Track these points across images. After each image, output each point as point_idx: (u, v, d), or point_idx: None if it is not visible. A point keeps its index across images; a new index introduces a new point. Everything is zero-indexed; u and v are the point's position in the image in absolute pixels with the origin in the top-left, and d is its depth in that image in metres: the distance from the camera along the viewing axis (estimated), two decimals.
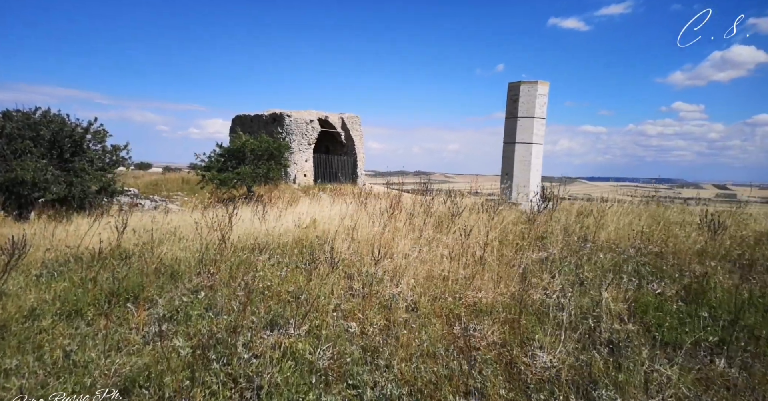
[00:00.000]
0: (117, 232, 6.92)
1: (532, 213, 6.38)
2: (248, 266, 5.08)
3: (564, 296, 4.03)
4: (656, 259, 4.93)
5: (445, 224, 6.17)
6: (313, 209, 8.51)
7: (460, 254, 4.94)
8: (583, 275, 4.42)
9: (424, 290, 4.20)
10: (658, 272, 4.56)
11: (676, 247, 5.17)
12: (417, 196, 9.71)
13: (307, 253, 5.41)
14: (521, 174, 8.97)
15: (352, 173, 30.27)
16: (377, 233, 5.54)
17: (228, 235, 5.49)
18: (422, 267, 4.73)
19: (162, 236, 7.05)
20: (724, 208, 8.93)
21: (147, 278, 4.90)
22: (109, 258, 5.73)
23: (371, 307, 3.98)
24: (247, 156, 18.14)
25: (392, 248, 5.27)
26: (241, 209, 11.10)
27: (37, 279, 5.27)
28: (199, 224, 6.40)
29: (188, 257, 5.46)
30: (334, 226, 6.60)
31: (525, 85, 8.88)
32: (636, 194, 9.72)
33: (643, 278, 4.36)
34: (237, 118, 29.34)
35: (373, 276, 4.39)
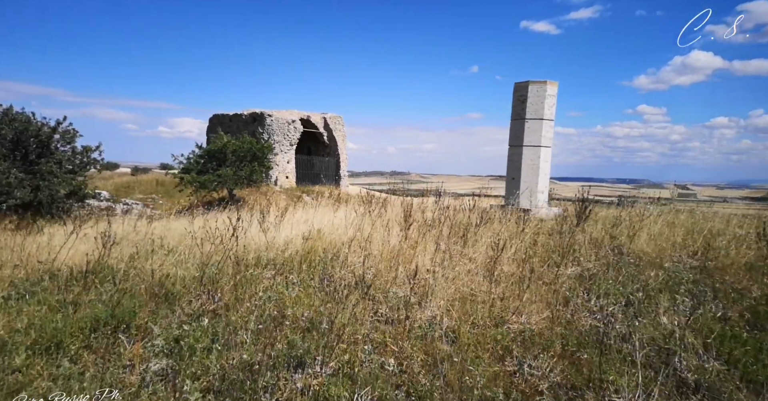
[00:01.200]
0: (100, 244, 6.29)
1: (556, 222, 6.02)
2: (253, 285, 4.56)
3: (615, 320, 3.65)
4: (702, 275, 4.61)
5: (462, 234, 5.76)
6: (310, 215, 8.00)
7: (490, 270, 4.53)
8: (632, 295, 4.05)
9: (460, 314, 3.77)
10: (711, 291, 4.23)
11: (719, 261, 4.85)
12: (423, 200, 9.29)
13: (319, 269, 4.92)
14: (530, 179, 8.63)
15: (335, 175, 29.71)
16: (394, 246, 5.08)
17: (234, 249, 4.95)
18: (449, 286, 4.29)
19: (148, 247, 6.46)
20: (690, 207, 8.84)
21: (137, 301, 4.34)
22: (90, 276, 5.13)
23: (404, 336, 3.52)
24: (229, 157, 17.44)
25: (412, 263, 4.83)
26: (229, 216, 10.50)
27: (5, 302, 4.65)
28: (193, 234, 5.84)
29: (184, 275, 4.91)
30: (342, 236, 6.12)
31: (533, 85, 8.54)
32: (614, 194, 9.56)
33: (696, 297, 4.02)
34: (215, 117, 28.43)
35: (401, 299, 3.93)
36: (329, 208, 8.49)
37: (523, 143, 8.63)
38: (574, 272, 4.60)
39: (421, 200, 9.64)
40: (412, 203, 6.52)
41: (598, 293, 4.09)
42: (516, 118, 8.91)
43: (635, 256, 5.05)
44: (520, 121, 8.72)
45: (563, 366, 3.05)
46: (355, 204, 8.86)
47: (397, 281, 4.36)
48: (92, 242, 6.42)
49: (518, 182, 8.68)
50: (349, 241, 5.88)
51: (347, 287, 4.36)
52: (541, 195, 8.67)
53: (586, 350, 3.22)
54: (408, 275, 4.14)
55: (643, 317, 3.69)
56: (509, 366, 3.10)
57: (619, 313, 3.71)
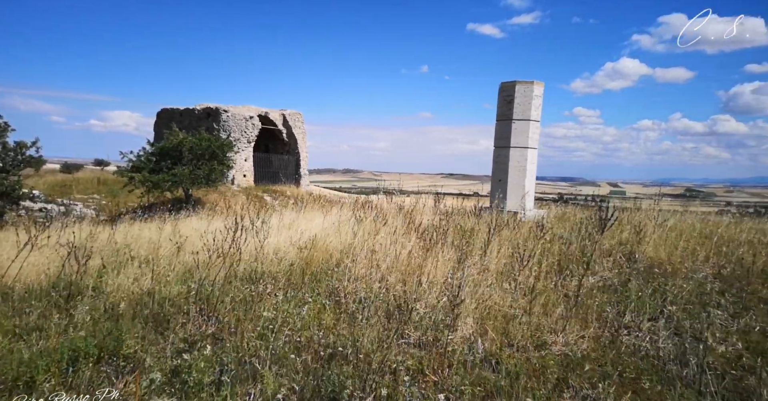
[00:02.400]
0: (56, 256, 5.59)
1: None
2: (254, 303, 4.11)
3: (658, 337, 3.48)
4: (722, 284, 4.56)
5: (467, 241, 5.50)
6: (292, 219, 7.53)
7: (514, 283, 4.29)
8: (665, 308, 3.90)
9: (494, 334, 3.49)
10: (738, 302, 4.16)
11: (734, 268, 4.83)
12: (398, 201, 9.00)
13: (325, 283, 4.52)
14: (517, 181, 8.52)
15: (295, 173, 28.99)
16: (401, 255, 4.75)
17: (236, 262, 4.46)
18: (472, 301, 4.01)
19: (115, 258, 5.81)
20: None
21: (121, 325, 3.80)
22: (54, 295, 4.50)
23: (440, 362, 3.21)
24: (185, 155, 16.49)
25: (424, 274, 4.52)
26: (191, 219, 9.81)
27: None
28: (178, 243, 5.27)
29: (168, 292, 4.38)
30: (336, 243, 5.72)
31: (521, 85, 8.43)
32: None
33: (726, 310, 3.93)
34: (164, 112, 27.03)
35: (431, 318, 3.61)
36: (314, 211, 8.04)
37: (510, 144, 8.51)
38: (594, 282, 4.43)
39: (401, 201, 9.36)
40: (412, 211, 6.21)
41: (629, 307, 3.93)
42: (502, 118, 8.78)
43: (648, 263, 4.96)
44: (507, 122, 8.60)
45: (627, 398, 2.82)
46: (341, 207, 8.45)
47: (417, 295, 4.03)
48: (47, 254, 5.74)
49: (505, 183, 8.55)
50: (347, 250, 5.50)
51: (360, 305, 3.99)
52: (528, 197, 8.58)
53: (647, 377, 3.01)
54: (447, 292, 3.82)
55: (685, 333, 3.55)
56: (569, 399, 2.84)
57: (662, 330, 3.54)
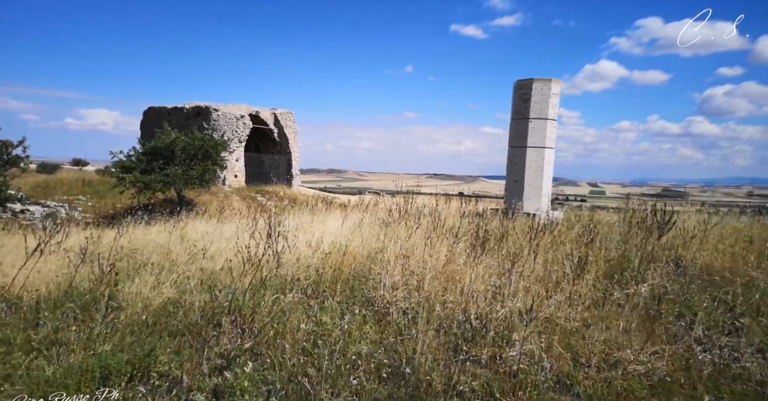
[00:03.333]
0: (66, 262, 5.31)
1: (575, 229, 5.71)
2: (289, 314, 3.88)
3: (740, 355, 3.29)
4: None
5: (495, 245, 5.33)
6: (302, 221, 7.30)
7: (560, 294, 4.12)
8: (737, 320, 3.73)
9: (560, 351, 3.30)
10: None
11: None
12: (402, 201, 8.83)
13: (358, 292, 4.31)
14: (534, 182, 8.39)
15: (287, 174, 28.67)
16: (439, 261, 4.56)
17: (273, 270, 4.22)
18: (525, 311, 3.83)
19: (126, 264, 5.54)
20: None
21: (154, 340, 3.55)
22: (69, 305, 4.23)
23: (508, 383, 3.01)
24: (178, 155, 16.12)
25: (462, 281, 4.33)
26: (194, 221, 9.52)
27: None
28: (204, 250, 5.01)
29: (195, 301, 4.13)
30: (358, 248, 5.52)
31: (538, 82, 8.30)
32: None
33: None
34: (151, 110, 26.56)
35: (487, 332, 3.41)
36: (324, 213, 7.81)
37: (527, 144, 8.38)
38: (646, 291, 4.27)
39: (404, 201, 9.19)
40: (424, 209, 6.02)
41: (695, 319, 3.75)
42: (518, 117, 8.64)
43: (699, 269, 4.79)
44: (523, 120, 8.46)
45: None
46: (349, 209, 8.24)
47: (464, 305, 3.84)
48: (54, 261, 5.45)
49: (521, 184, 8.41)
50: (372, 255, 5.30)
51: (406, 316, 3.79)
52: (545, 199, 8.46)
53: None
54: (497, 302, 3.63)
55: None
56: None
57: (744, 347, 3.34)
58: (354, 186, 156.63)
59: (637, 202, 7.50)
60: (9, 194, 13.04)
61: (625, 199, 8.70)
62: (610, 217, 8.34)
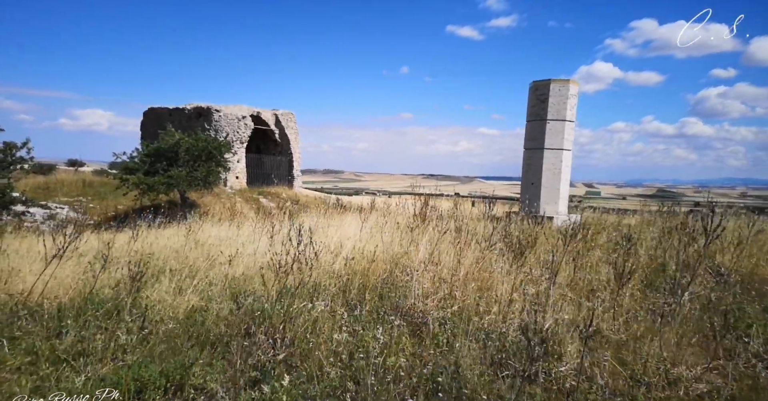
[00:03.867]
0: (81, 267, 5.21)
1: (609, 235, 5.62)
2: (321, 323, 3.79)
3: None
4: None
5: (521, 251, 5.25)
6: (316, 224, 7.20)
7: (595, 302, 4.04)
8: None
9: (612, 366, 3.21)
10: None
11: None
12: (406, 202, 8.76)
13: (388, 300, 4.22)
14: (551, 184, 8.31)
15: (288, 175, 28.57)
16: (468, 268, 4.48)
17: (306, 275, 4.13)
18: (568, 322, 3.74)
19: (142, 269, 5.44)
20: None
21: (186, 352, 3.47)
22: (91, 312, 4.13)
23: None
24: (182, 156, 16.02)
25: (495, 289, 4.25)
26: (204, 224, 9.41)
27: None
28: (231, 257, 4.91)
29: (221, 310, 4.05)
30: (382, 253, 5.43)
31: (555, 83, 8.23)
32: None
33: None
34: (151, 111, 26.45)
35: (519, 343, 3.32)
36: (344, 216, 7.71)
37: (544, 146, 8.30)
38: (687, 300, 4.17)
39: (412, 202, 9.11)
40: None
41: (748, 332, 3.64)
42: (534, 119, 8.56)
43: (739, 277, 4.69)
44: (540, 122, 8.38)
45: None
46: (361, 212, 8.15)
47: (502, 316, 3.76)
48: (71, 266, 5.35)
49: (538, 187, 8.34)
50: (395, 260, 5.21)
51: (443, 327, 3.71)
52: (563, 202, 8.38)
53: None
54: (536, 312, 3.53)
55: None
56: None
57: None
58: (351, 187, 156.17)
59: (661, 205, 7.41)
60: (13, 196, 12.92)
61: (621, 199, 8.60)
62: (629, 220, 8.27)
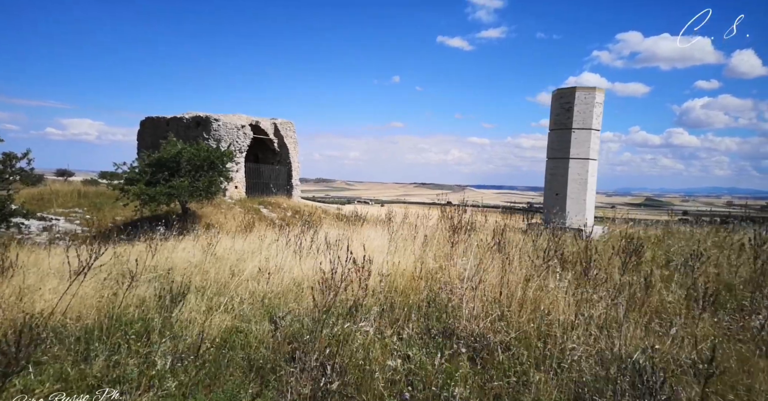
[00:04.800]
0: (101, 284, 4.99)
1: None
2: (367, 344, 3.59)
3: None
4: None
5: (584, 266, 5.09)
6: (335, 236, 7.02)
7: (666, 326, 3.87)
8: None
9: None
10: None
11: None
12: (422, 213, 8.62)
13: (435, 320, 4.03)
14: (577, 195, 8.17)
15: (287, 184, 28.37)
16: (519, 286, 4.30)
17: (361, 298, 3.92)
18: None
19: (167, 286, 5.22)
20: None
21: (231, 379, 3.25)
22: (114, 334, 3.92)
23: None
24: (183, 166, 15.81)
25: (547, 309, 4.07)
26: (221, 237, 9.20)
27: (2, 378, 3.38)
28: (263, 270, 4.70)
29: (258, 331, 3.84)
30: (407, 266, 5.25)
31: (581, 91, 8.11)
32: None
33: None
34: (148, 121, 26.25)
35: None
36: (363, 227, 7.53)
37: (570, 155, 8.16)
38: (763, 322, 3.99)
39: (426, 213, 8.97)
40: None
41: None
42: (558, 127, 8.43)
43: None
44: (565, 131, 8.25)
45: None
46: (378, 223, 7.97)
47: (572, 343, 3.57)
48: (91, 284, 5.12)
49: (564, 198, 8.19)
50: (430, 276, 5.03)
51: (508, 353, 3.52)
52: (589, 213, 8.23)
53: None
54: (605, 340, 3.34)
55: None
56: None
57: None
58: (342, 196, 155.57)
59: (671, 214, 7.24)
60: (13, 208, 12.63)
61: (611, 208, 8.47)
62: (654, 232, 8.14)
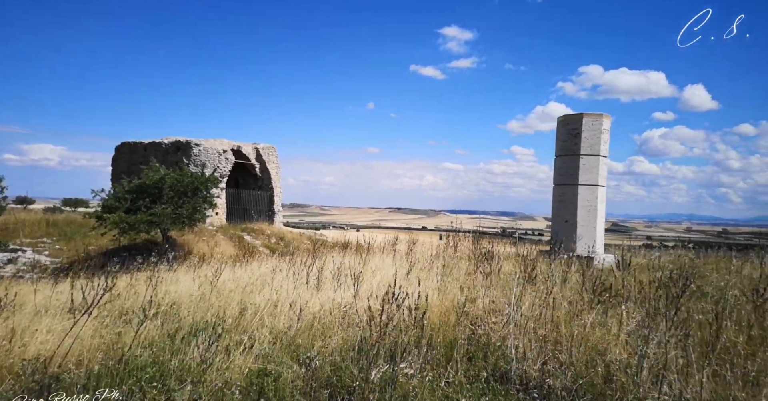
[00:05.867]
0: (102, 323, 4.63)
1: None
2: (415, 389, 3.33)
3: None
4: None
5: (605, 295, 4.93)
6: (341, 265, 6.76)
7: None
8: None
9: None
10: None
11: None
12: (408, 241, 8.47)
13: (481, 361, 3.79)
14: (586, 222, 8.10)
15: (268, 210, 27.94)
16: (558, 320, 4.11)
17: (413, 336, 3.65)
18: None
19: (173, 322, 4.87)
20: None
21: None
22: (126, 382, 3.57)
23: None
24: (166, 193, 15.37)
25: (603, 347, 3.89)
26: (227, 266, 8.83)
27: None
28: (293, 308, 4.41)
29: (288, 375, 3.54)
30: (440, 300, 5.03)
31: (588, 117, 8.15)
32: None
33: None
34: (124, 146, 25.71)
35: None
36: (371, 255, 7.27)
37: (578, 182, 8.13)
38: None
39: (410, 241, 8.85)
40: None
41: None
42: (566, 153, 8.43)
43: None
44: (573, 157, 8.24)
45: None
46: (386, 251, 7.75)
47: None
48: (93, 323, 4.75)
49: (573, 225, 8.11)
50: (458, 309, 4.81)
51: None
52: (599, 241, 8.17)
53: None
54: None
55: None
56: None
57: None
58: (317, 221, 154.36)
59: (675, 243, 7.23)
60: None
61: None
62: (668, 257, 8.12)
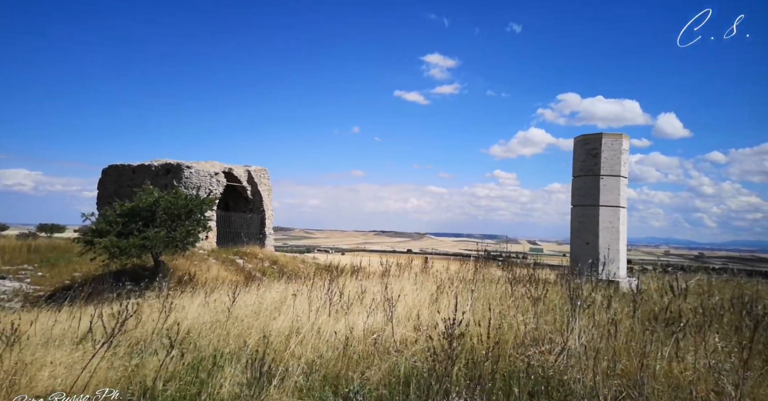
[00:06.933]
0: (117, 357, 4.28)
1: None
2: None
3: None
4: None
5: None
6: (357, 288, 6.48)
7: None
8: None
9: None
10: None
11: None
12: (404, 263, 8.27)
13: (541, 397, 3.52)
14: (609, 244, 7.93)
15: (259, 233, 27.49)
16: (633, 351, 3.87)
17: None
18: None
19: (194, 354, 4.54)
20: None
21: None
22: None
23: None
24: (159, 216, 14.97)
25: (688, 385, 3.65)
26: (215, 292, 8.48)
27: None
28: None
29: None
30: (474, 327, 4.76)
31: (608, 137, 8.07)
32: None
33: None
34: (111, 169, 25.25)
35: None
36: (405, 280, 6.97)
37: (600, 203, 7.98)
38: None
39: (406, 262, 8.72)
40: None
41: None
42: (585, 174, 8.31)
43: None
44: (593, 177, 8.13)
45: None
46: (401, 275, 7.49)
47: None
48: (107, 354, 4.40)
49: (595, 247, 7.93)
50: (503, 336, 4.55)
51: None
52: (623, 264, 7.99)
53: None
54: None
55: None
56: None
57: None
58: (301, 244, 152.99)
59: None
60: None
61: (562, 256, 8.38)
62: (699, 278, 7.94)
